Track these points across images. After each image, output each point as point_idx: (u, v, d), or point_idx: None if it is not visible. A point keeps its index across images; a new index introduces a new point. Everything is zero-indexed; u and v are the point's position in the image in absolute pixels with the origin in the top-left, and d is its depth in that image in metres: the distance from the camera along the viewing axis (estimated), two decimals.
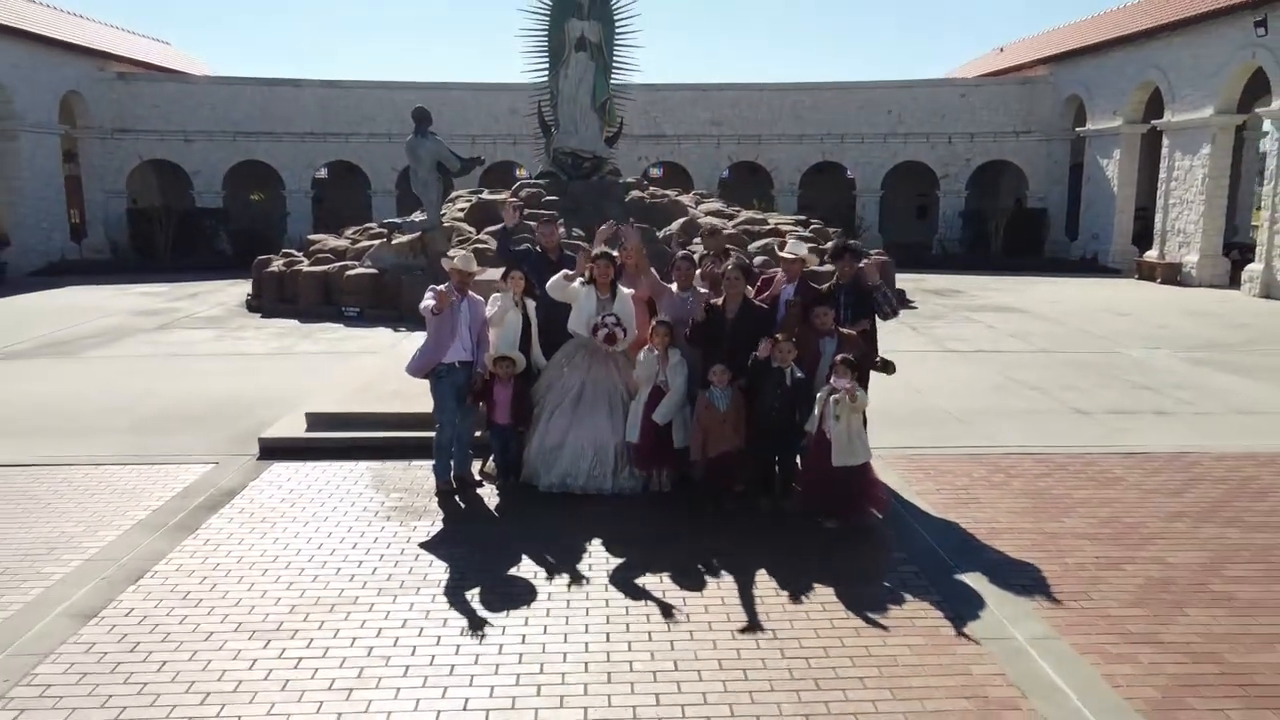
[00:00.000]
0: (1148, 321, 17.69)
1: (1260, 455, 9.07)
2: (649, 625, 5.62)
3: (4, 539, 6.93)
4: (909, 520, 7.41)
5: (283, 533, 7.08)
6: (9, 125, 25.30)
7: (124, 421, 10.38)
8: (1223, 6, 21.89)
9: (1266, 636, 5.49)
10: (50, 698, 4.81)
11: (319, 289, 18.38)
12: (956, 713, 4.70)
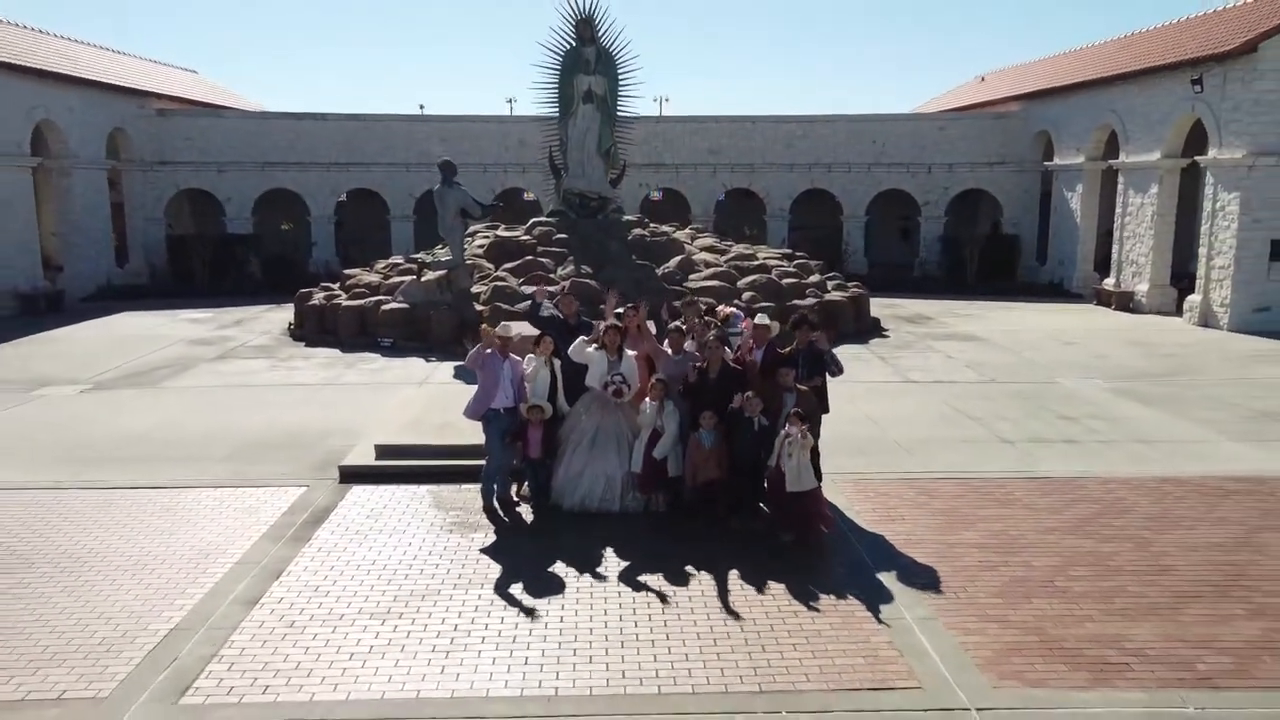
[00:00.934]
0: (1089, 351, 20.01)
1: (1133, 480, 11.40)
2: (648, 609, 7.97)
3: (169, 546, 9.28)
4: (846, 532, 9.76)
5: (374, 542, 9.43)
6: (65, 163, 27.63)
7: (220, 450, 12.71)
8: (1168, 63, 24.23)
9: (1080, 617, 7.83)
10: (247, 656, 7.16)
11: (356, 321, 20.74)
12: (853, 665, 7.05)
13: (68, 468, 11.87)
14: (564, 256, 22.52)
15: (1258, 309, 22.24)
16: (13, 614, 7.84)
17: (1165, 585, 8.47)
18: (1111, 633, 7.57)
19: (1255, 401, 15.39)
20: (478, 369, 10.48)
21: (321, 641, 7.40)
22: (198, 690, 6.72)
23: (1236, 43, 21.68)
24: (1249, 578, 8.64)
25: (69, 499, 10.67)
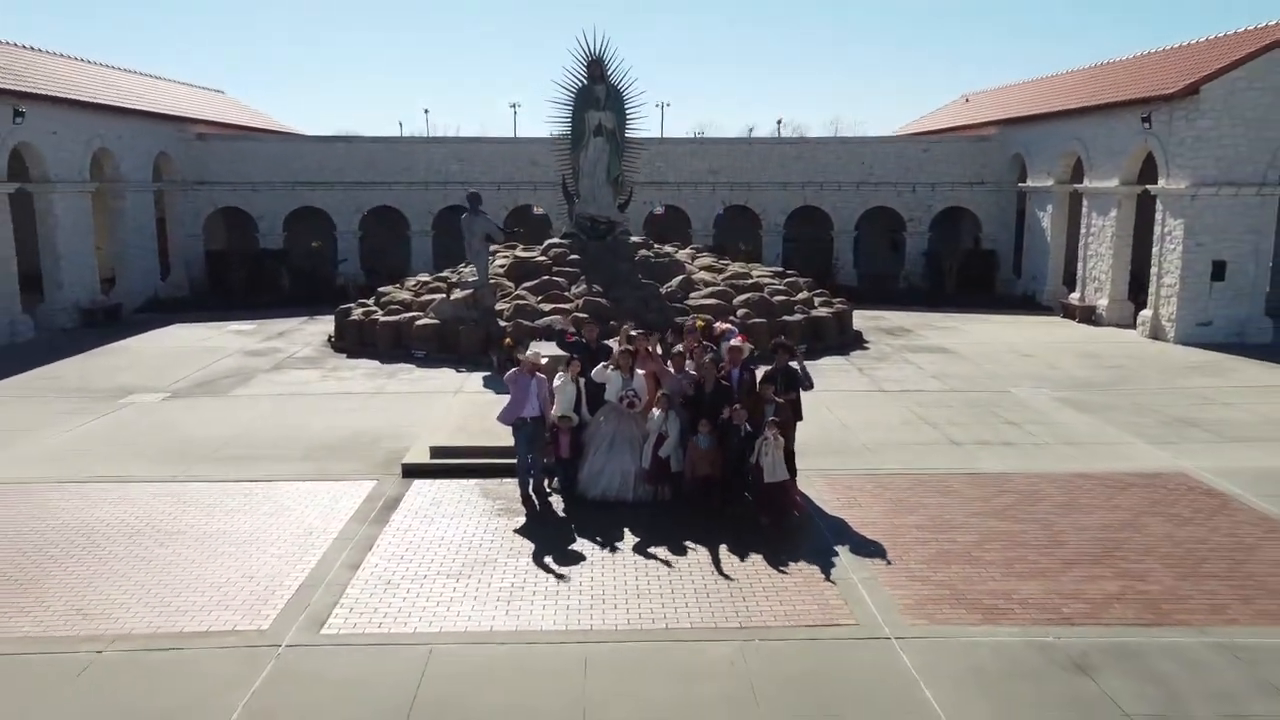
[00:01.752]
0: (1044, 363, 22.49)
1: (1052, 475, 13.90)
2: (656, 572, 10.49)
3: (280, 526, 11.80)
4: (814, 516, 12.26)
5: (438, 523, 11.95)
6: (117, 186, 30.18)
7: (297, 451, 15.23)
8: (1123, 100, 26.72)
9: (984, 578, 10.33)
10: (360, 603, 9.68)
11: (393, 335, 23.25)
12: (809, 609, 9.56)
13: (178, 465, 14.40)
14: (577, 276, 25.05)
15: (1200, 323, 24.72)
16: (178, 575, 10.37)
17: (1056, 556, 10.98)
18: (1005, 589, 10.08)
19: (1175, 409, 17.88)
20: (510, 384, 12.98)
21: (413, 594, 9.92)
22: (330, 625, 9.24)
23: (1180, 86, 24.15)
24: (1122, 550, 11.14)
25: (189, 490, 13.20)
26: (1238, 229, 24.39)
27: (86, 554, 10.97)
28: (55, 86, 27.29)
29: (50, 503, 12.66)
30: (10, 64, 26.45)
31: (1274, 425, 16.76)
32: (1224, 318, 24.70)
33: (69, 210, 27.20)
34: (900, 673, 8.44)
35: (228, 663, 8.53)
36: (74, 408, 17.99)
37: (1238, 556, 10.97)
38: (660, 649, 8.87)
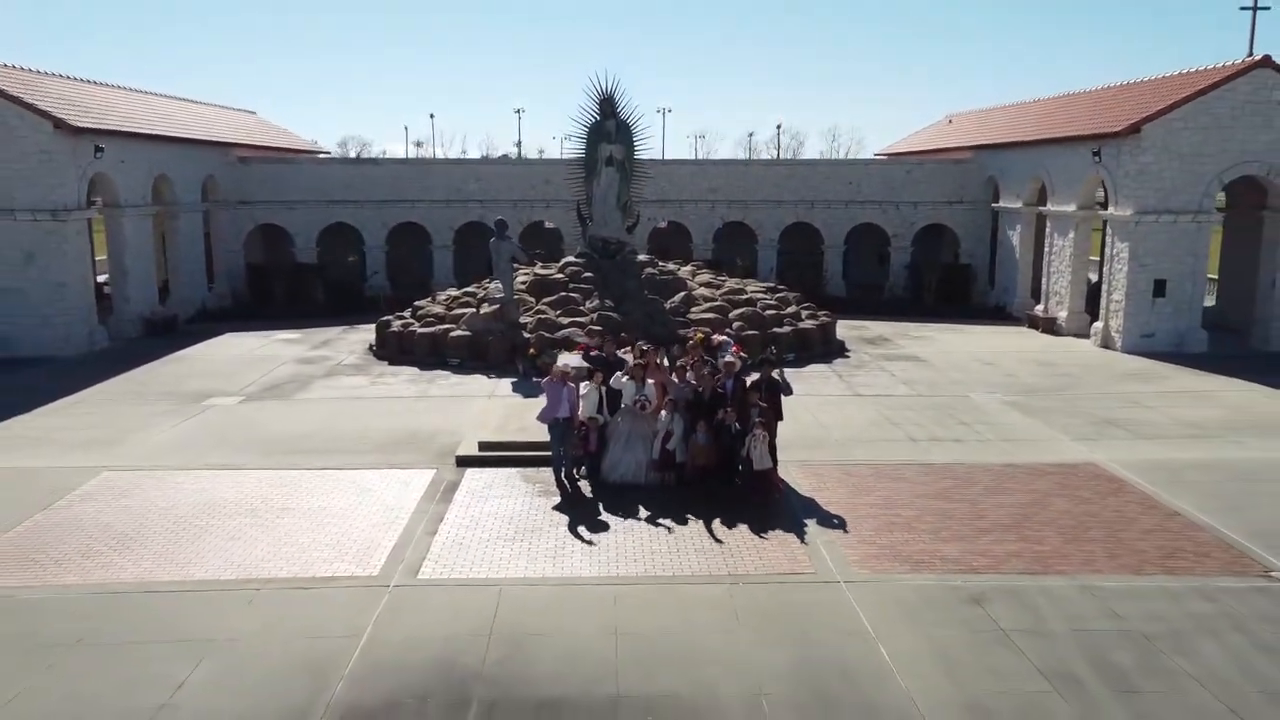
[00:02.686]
0: (1002, 370, 25.59)
1: (987, 465, 17.02)
2: (664, 537, 13.62)
3: (366, 503, 14.93)
4: (791, 496, 15.38)
5: (492, 501, 15.08)
6: (173, 207, 33.31)
7: (366, 445, 18.36)
8: (1080, 135, 29.87)
9: (917, 542, 13.46)
10: (442, 558, 12.82)
11: (430, 344, 26.37)
12: (781, 563, 12.69)
13: (271, 456, 17.55)
14: (590, 292, 28.18)
15: (1144, 335, 27.82)
16: (297, 539, 13.51)
17: (976, 526, 14.11)
18: (931, 549, 13.22)
19: (1104, 411, 21.00)
20: (545, 390, 16.10)
21: (480, 552, 13.06)
22: (423, 572, 12.38)
23: (1125, 125, 27.28)
24: (1028, 522, 14.26)
25: (287, 476, 16.34)
26: (1176, 251, 27.51)
27: (221, 525, 14.11)
28: (124, 122, 30.45)
29: (180, 485, 15.82)
30: (85, 102, 29.60)
31: (1182, 425, 19.89)
32: (1165, 330, 27.81)
33: (135, 231, 30.34)
34: (845, 605, 11.57)
35: (355, 595, 11.68)
36: (167, 409, 21.13)
37: (1116, 526, 14.10)
38: (669, 589, 12.01)
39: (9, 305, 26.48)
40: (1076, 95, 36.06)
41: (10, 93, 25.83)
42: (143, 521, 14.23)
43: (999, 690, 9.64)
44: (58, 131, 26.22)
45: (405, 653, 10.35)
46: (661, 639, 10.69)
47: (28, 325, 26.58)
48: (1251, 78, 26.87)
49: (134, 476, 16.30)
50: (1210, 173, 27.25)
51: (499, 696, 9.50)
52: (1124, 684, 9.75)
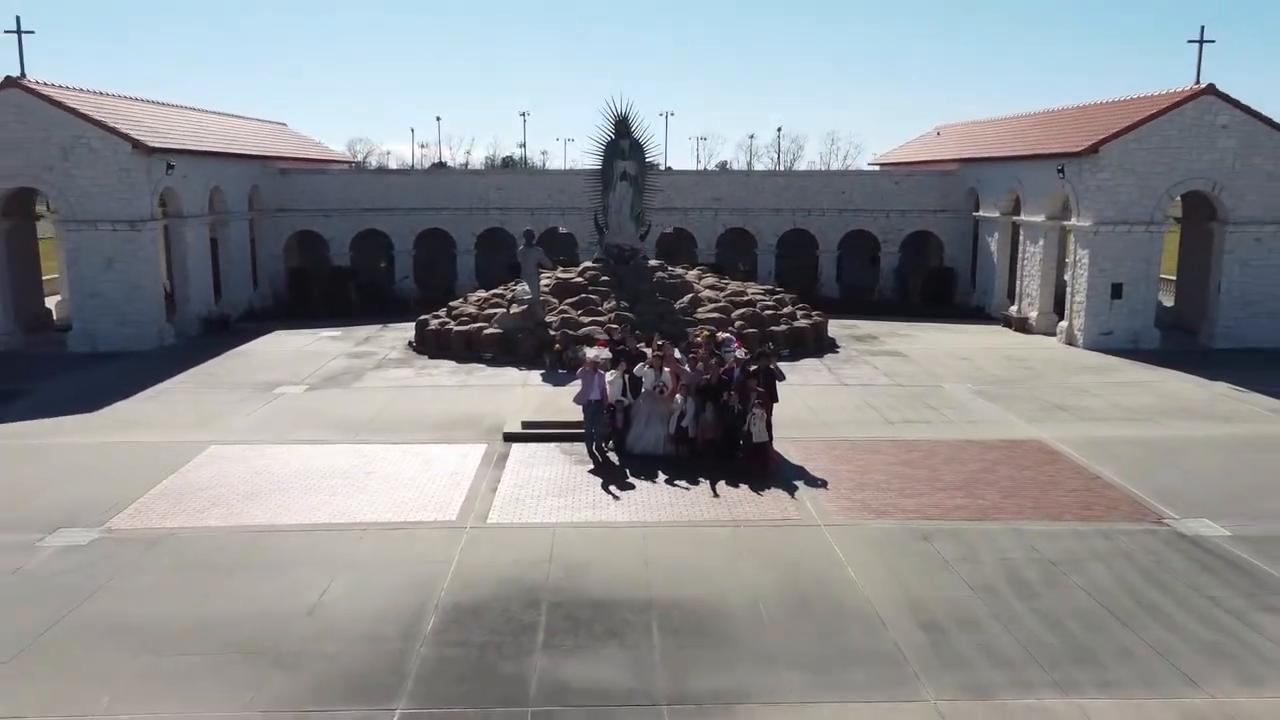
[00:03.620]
0: (974, 365, 28.83)
1: (949, 441, 20.28)
2: (680, 494, 16.92)
3: (435, 470, 18.21)
4: (786, 465, 18.65)
5: (537, 468, 18.37)
6: (224, 216, 36.58)
7: (424, 425, 21.63)
8: (1047, 153, 33.15)
9: (883, 498, 16.73)
10: (504, 508, 16.12)
11: (464, 341, 29.63)
12: (774, 512, 15.98)
13: (345, 433, 20.83)
14: (607, 293, 31.45)
15: (1103, 333, 31.09)
16: (385, 495, 16.79)
17: (932, 486, 17.38)
18: (895, 503, 16.49)
19: (1055, 398, 24.26)
20: (580, 378, 19.38)
21: (533, 504, 16.35)
22: (490, 518, 15.67)
23: (1085, 145, 30.55)
24: (976, 484, 17.53)
25: (363, 449, 19.62)
26: (1131, 258, 30.78)
27: (320, 484, 17.40)
28: (186, 141, 33.74)
29: (276, 456, 19.11)
30: (151, 122, 32.89)
31: (1119, 410, 23.16)
32: (1122, 328, 31.07)
33: (195, 238, 33.64)
34: (824, 542, 14.84)
35: (441, 534, 14.97)
36: (242, 397, 24.40)
37: (1047, 487, 17.38)
38: (685, 530, 15.30)
39: (92, 306, 29.80)
40: (1047, 114, 39.33)
41: (94, 118, 29.10)
42: (255, 482, 17.52)
43: (934, 595, 12.91)
44: (135, 152, 29.50)
45: (487, 573, 13.62)
46: (681, 564, 13.96)
47: (108, 324, 29.89)
48: (1198, 104, 30.14)
49: (237, 449, 19.60)
50: (1161, 188, 30.51)
51: (562, 600, 12.78)
52: (1028, 591, 13.03)
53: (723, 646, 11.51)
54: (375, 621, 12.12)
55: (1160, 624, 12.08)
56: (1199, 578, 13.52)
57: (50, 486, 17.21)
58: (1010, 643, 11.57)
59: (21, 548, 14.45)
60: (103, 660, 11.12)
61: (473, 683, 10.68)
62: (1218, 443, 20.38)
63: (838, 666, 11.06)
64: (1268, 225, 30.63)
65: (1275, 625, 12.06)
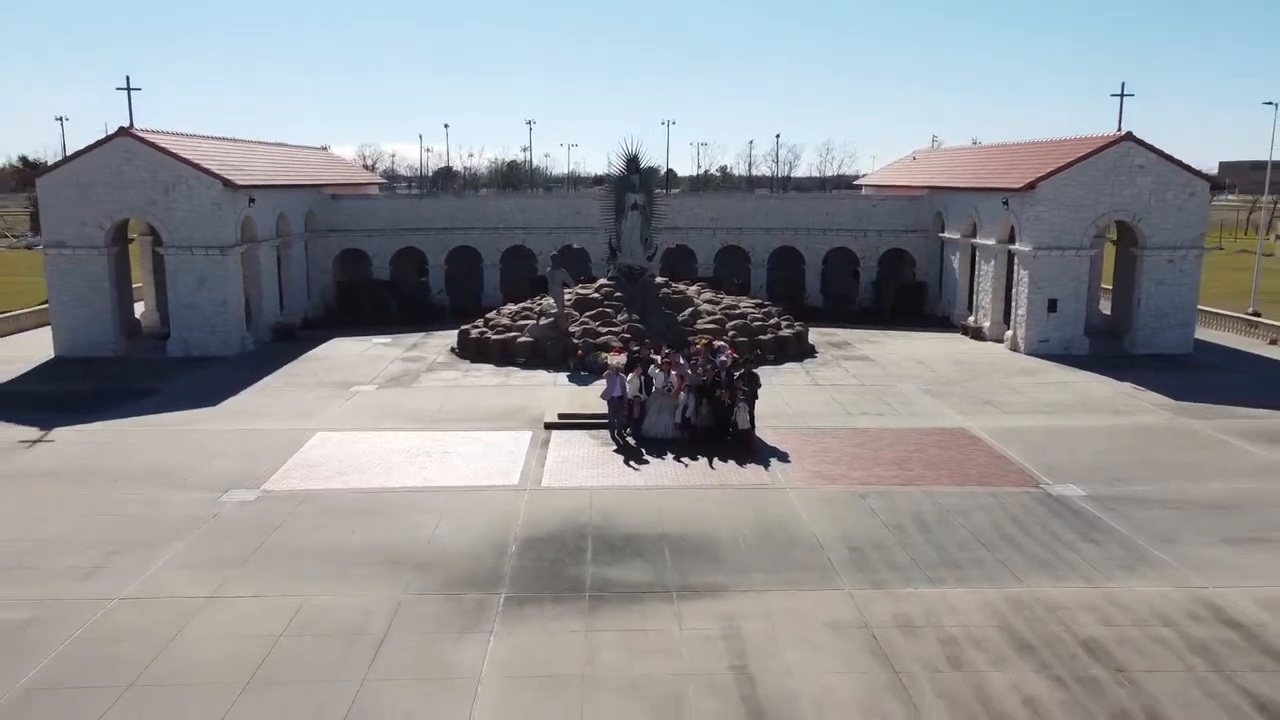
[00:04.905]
0: (928, 367, 34.39)
1: (894, 429, 25.88)
2: (682, 468, 22.55)
3: (494, 449, 23.83)
4: (764, 446, 24.25)
5: (573, 448, 23.98)
6: (287, 238, 42.19)
7: (478, 416, 27.23)
8: (996, 187, 38.74)
9: (838, 469, 22.34)
10: (554, 475, 21.75)
11: (501, 348, 35.22)
12: (753, 480, 21.61)
13: (417, 422, 26.42)
14: (620, 307, 37.04)
15: (1041, 341, 36.66)
16: (460, 468, 22.41)
17: (874, 462, 22.98)
18: (843, 473, 22.10)
19: (987, 395, 29.85)
20: (606, 379, 25.01)
21: (574, 473, 21.97)
22: (544, 483, 21.30)
23: (1025, 182, 36.14)
24: (907, 460, 23.13)
25: (432, 435, 25.20)
26: (1064, 278, 36.36)
27: (409, 460, 22.99)
28: (261, 176, 39.37)
29: (370, 439, 24.71)
30: (235, 161, 38.51)
31: (1037, 404, 28.75)
32: (1056, 337, 36.65)
33: (267, 258, 39.26)
34: (786, 499, 20.44)
35: (508, 494, 20.58)
36: (328, 393, 30.01)
37: (962, 462, 22.98)
38: (687, 491, 20.91)
39: (187, 318, 35.44)
40: (999, 148, 44.99)
41: (192, 160, 34.74)
42: (361, 459, 23.14)
43: (859, 532, 18.50)
44: (224, 189, 35.12)
45: (546, 517, 19.22)
46: (684, 513, 19.56)
47: (200, 332, 35.52)
48: (1119, 148, 35.75)
49: (339, 434, 25.22)
50: (1089, 218, 36.11)
51: (602, 534, 18.37)
52: (925, 529, 18.63)
53: (712, 561, 17.11)
54: (475, 546, 17.73)
55: (1010, 548, 17.69)
56: (1050, 522, 19.14)
57: (210, 460, 22.84)
58: (904, 558, 17.20)
59: (209, 502, 20.08)
60: (302, 568, 16.73)
61: (547, 580, 16.29)
62: (1104, 430, 26.01)
63: (787, 571, 16.67)
64: (1178, 250, 36.25)
65: (1090, 550, 17.66)
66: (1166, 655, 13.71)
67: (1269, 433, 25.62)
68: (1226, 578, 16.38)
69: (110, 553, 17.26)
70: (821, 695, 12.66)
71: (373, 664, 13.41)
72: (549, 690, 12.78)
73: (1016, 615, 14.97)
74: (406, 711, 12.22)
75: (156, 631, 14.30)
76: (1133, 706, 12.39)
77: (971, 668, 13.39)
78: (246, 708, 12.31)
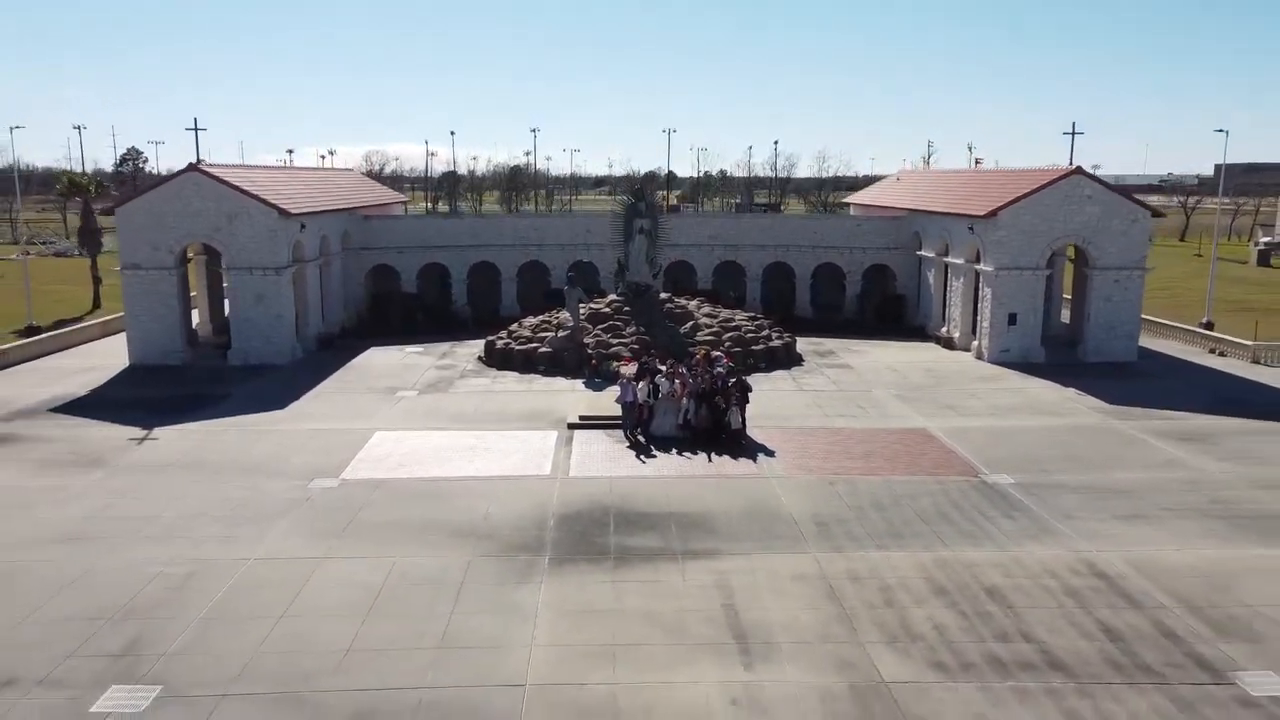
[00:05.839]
0: (900, 374, 39.01)
1: (865, 429, 30.52)
2: (684, 460, 27.22)
3: (526, 445, 28.48)
4: (754, 444, 28.88)
5: (594, 445, 28.63)
6: (328, 257, 46.84)
7: (510, 417, 31.87)
8: (963, 213, 43.40)
9: (816, 460, 27.00)
10: (581, 464, 26.42)
11: (524, 357, 39.84)
12: (747, 470, 26.27)
13: (458, 423, 31.07)
14: (628, 321, 41.68)
15: (1003, 350, 41.30)
16: (498, 460, 27.06)
17: (845, 456, 27.62)
18: (818, 465, 26.75)
19: (949, 400, 34.49)
20: (620, 386, 29.69)
21: (595, 465, 26.62)
22: (571, 473, 25.95)
23: (987, 210, 40.79)
24: (872, 455, 27.77)
25: (473, 433, 29.83)
26: (1022, 294, 41.00)
27: (457, 455, 27.62)
28: (309, 204, 44.05)
29: (423, 437, 29.34)
30: (288, 190, 43.15)
31: (991, 408, 33.39)
32: (1016, 347, 41.29)
33: (312, 276, 43.91)
34: (770, 486, 25.08)
35: (543, 482, 25.23)
36: (377, 398, 34.65)
37: (917, 456, 27.62)
38: (689, 479, 25.56)
39: (246, 330, 40.09)
40: (969, 174, 49.73)
41: (252, 192, 39.41)
42: (416, 454, 27.77)
43: (826, 510, 23.13)
44: (280, 217, 39.78)
45: (575, 499, 23.84)
46: (687, 496, 24.19)
47: (257, 343, 40.16)
48: (1069, 181, 40.43)
49: (394, 433, 29.86)
50: (1044, 242, 40.77)
51: (621, 512, 22.98)
52: (880, 509, 23.27)
53: (708, 532, 21.74)
54: (521, 521, 22.36)
55: (944, 523, 22.34)
56: (981, 503, 23.78)
57: (291, 455, 27.48)
58: (860, 530, 21.85)
59: (300, 488, 24.72)
60: (387, 537, 21.37)
61: (580, 546, 20.92)
62: (1043, 430, 30.66)
63: (767, 539, 21.30)
64: (1123, 270, 40.91)
65: (1007, 524, 22.30)
66: (1046, 597, 18.37)
67: (1180, 432, 30.28)
68: (1107, 545, 21.04)
69: (236, 525, 21.92)
70: (788, 622, 17.31)
71: (456, 603, 18.06)
72: (588, 619, 17.43)
73: (939, 571, 19.62)
74: (488, 633, 16.87)
75: (289, 581, 18.94)
76: (1012, 629, 17.05)
77: (899, 605, 18.05)
78: (369, 631, 16.95)
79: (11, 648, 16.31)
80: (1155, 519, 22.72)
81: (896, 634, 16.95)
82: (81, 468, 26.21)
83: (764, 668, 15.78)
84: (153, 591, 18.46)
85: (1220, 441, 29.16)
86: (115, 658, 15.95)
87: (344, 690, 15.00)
